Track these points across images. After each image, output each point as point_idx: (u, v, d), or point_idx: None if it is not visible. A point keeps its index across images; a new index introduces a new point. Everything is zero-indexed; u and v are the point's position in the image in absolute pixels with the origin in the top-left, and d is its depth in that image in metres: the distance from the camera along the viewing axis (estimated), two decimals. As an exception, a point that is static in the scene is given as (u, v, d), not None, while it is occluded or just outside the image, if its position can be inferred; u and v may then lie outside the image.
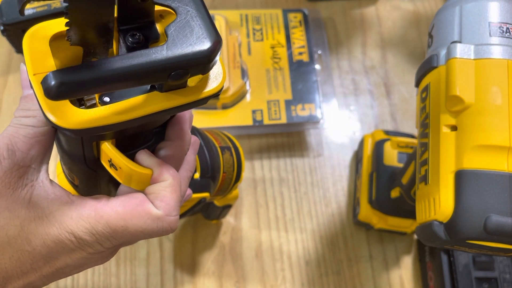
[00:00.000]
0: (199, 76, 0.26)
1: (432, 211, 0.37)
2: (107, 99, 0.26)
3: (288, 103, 0.63)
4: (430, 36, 0.42)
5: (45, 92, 0.22)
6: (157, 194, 0.28)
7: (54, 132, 0.28)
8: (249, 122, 0.62)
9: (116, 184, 0.30)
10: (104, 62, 0.22)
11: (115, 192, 0.32)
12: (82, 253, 0.27)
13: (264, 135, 0.67)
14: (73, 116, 0.24)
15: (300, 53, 0.67)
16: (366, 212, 0.59)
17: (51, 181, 0.28)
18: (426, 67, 0.41)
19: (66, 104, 0.24)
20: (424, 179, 0.39)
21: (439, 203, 0.36)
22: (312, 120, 0.63)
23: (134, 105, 0.25)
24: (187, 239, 0.60)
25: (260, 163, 0.65)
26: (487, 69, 0.37)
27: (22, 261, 0.26)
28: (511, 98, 0.36)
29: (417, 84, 0.44)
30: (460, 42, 0.38)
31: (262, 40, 0.67)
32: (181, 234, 0.61)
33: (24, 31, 0.71)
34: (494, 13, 0.38)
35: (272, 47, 0.66)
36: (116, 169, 0.28)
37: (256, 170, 0.65)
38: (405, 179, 0.52)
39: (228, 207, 0.55)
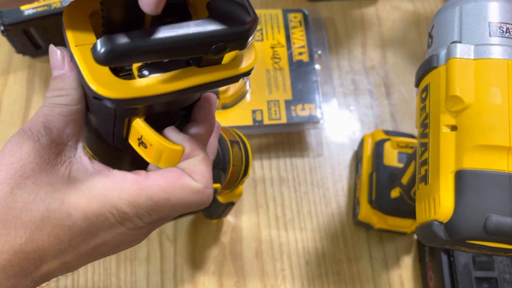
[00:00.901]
0: (232, 55, 0.27)
1: (432, 211, 0.37)
2: (146, 72, 0.26)
3: (288, 103, 0.63)
4: (430, 36, 0.42)
5: (95, 57, 0.22)
6: (192, 169, 0.28)
7: (85, 111, 0.28)
8: (249, 122, 0.62)
9: (139, 167, 0.31)
10: (152, 31, 0.23)
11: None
12: (122, 228, 0.27)
13: (264, 135, 0.67)
14: (115, 86, 0.24)
15: (300, 53, 0.67)
16: (366, 212, 0.59)
17: (89, 157, 0.28)
18: (426, 67, 0.41)
19: (108, 74, 0.24)
20: (424, 179, 0.39)
21: (439, 203, 0.36)
22: (312, 120, 0.63)
23: (174, 78, 0.25)
24: (187, 238, 0.60)
25: (260, 163, 0.65)
26: (487, 69, 0.37)
27: (61, 237, 0.25)
28: (511, 98, 0.36)
29: (417, 84, 0.44)
30: (460, 42, 0.38)
31: (262, 40, 0.67)
32: (181, 234, 0.61)
33: (24, 31, 0.71)
34: (494, 13, 0.38)
35: (272, 47, 0.66)
36: (146, 147, 0.28)
37: (256, 170, 0.65)
38: (405, 179, 0.52)
39: (231, 204, 0.55)
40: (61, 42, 0.34)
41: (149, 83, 0.25)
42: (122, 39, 0.22)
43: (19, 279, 0.25)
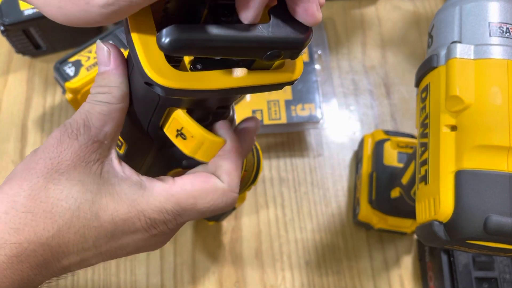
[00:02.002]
0: (279, 62, 0.27)
1: (432, 211, 0.37)
2: (199, 66, 0.27)
3: (288, 103, 0.63)
4: (430, 36, 0.42)
5: (161, 44, 0.23)
6: (222, 169, 0.28)
7: (125, 112, 0.29)
8: (249, 122, 0.62)
9: (163, 159, 0.31)
10: (215, 27, 0.24)
11: (157, 168, 0.33)
12: (145, 234, 0.27)
13: (264, 135, 0.67)
14: (169, 74, 0.25)
15: (300, 53, 0.67)
16: (366, 212, 0.59)
17: (120, 160, 0.29)
18: (426, 67, 0.41)
19: (163, 62, 0.25)
20: (424, 179, 0.39)
21: (439, 203, 0.36)
22: (312, 120, 0.63)
23: (227, 76, 0.26)
24: (187, 239, 0.60)
25: (260, 163, 0.65)
26: (487, 69, 0.37)
27: (86, 236, 0.26)
28: (511, 98, 0.36)
29: (417, 84, 0.44)
30: (460, 42, 0.38)
31: (262, 40, 0.67)
32: (181, 234, 0.61)
33: (24, 31, 0.71)
34: (494, 13, 0.38)
35: (272, 47, 0.66)
36: (185, 138, 0.29)
37: (256, 170, 0.65)
38: (405, 179, 0.52)
39: (232, 209, 0.55)
40: (61, 42, 0.34)
41: (203, 77, 0.26)
42: (188, 31, 0.23)
43: (40, 269, 0.26)
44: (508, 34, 0.37)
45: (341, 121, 0.69)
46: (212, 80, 0.26)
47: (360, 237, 0.62)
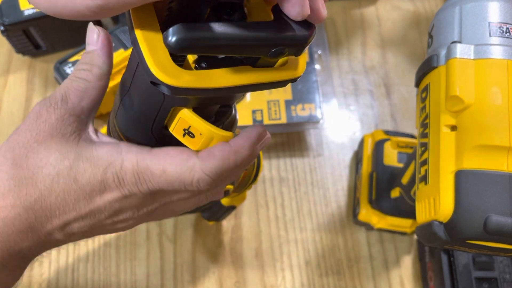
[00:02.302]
0: (283, 60, 0.28)
1: (432, 211, 0.37)
2: (204, 64, 0.27)
3: (288, 103, 0.63)
4: (430, 36, 0.42)
5: (167, 43, 0.23)
6: (207, 151, 0.29)
7: (104, 90, 0.30)
8: (249, 122, 0.62)
9: None
10: (220, 26, 0.24)
11: None
12: (118, 193, 0.28)
13: (264, 135, 0.67)
14: (175, 73, 0.25)
15: (300, 53, 0.67)
16: (366, 212, 0.59)
17: (97, 131, 0.30)
18: (426, 67, 0.41)
19: (169, 61, 0.25)
20: (424, 179, 0.39)
21: (439, 203, 0.36)
22: (312, 120, 0.63)
23: (232, 74, 0.26)
24: (187, 239, 0.60)
25: (260, 163, 0.65)
26: (487, 69, 0.37)
27: (67, 200, 0.28)
28: (511, 98, 0.36)
29: (417, 84, 0.44)
30: (460, 42, 0.38)
31: (262, 40, 0.67)
32: (181, 234, 0.61)
33: (24, 31, 0.71)
34: (494, 13, 0.38)
35: (272, 47, 0.66)
36: (193, 137, 0.29)
37: (256, 170, 0.65)
38: (405, 179, 0.52)
39: (232, 208, 0.55)
40: (61, 42, 0.35)
41: (209, 75, 0.26)
42: (195, 30, 0.23)
43: (26, 234, 0.28)
44: (508, 34, 0.37)
45: (341, 121, 0.69)
46: (218, 78, 0.26)
47: (360, 237, 0.62)
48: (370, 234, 0.63)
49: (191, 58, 0.29)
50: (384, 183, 0.59)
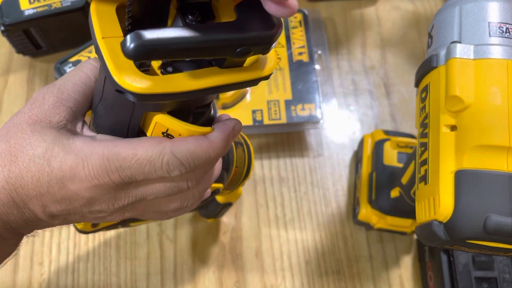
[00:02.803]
0: (253, 59, 0.28)
1: (431, 211, 0.37)
2: (170, 68, 0.27)
3: (288, 103, 0.63)
4: (430, 36, 0.43)
5: (125, 51, 0.23)
6: (183, 137, 0.29)
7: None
8: (249, 122, 0.62)
9: None
10: (181, 29, 0.23)
11: None
12: (89, 183, 0.29)
13: (264, 135, 0.67)
14: (140, 80, 0.25)
15: (300, 53, 0.67)
16: (366, 212, 0.59)
17: (84, 124, 0.32)
18: (426, 67, 0.41)
19: (133, 69, 0.25)
20: (424, 179, 0.39)
21: (439, 203, 0.36)
22: (312, 120, 0.63)
23: (199, 76, 0.26)
24: (187, 238, 0.61)
25: (260, 163, 0.65)
26: (486, 69, 0.37)
27: (41, 181, 0.29)
28: (510, 98, 0.36)
29: (417, 84, 0.44)
30: (460, 42, 0.38)
31: (262, 40, 0.67)
32: (181, 234, 0.61)
33: (24, 31, 0.71)
34: (494, 13, 0.38)
35: (272, 47, 0.66)
36: (172, 138, 0.29)
37: (256, 170, 0.65)
38: (404, 179, 0.52)
39: (228, 205, 0.55)
40: (62, 42, 0.35)
41: (174, 80, 0.25)
42: (153, 35, 0.23)
43: (11, 208, 0.29)
44: (507, 34, 0.37)
45: (341, 121, 0.69)
46: (183, 82, 0.26)
47: (360, 237, 0.62)
48: (370, 234, 0.63)
49: (156, 63, 0.29)
50: (384, 183, 0.59)
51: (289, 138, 0.67)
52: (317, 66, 0.66)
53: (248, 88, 0.64)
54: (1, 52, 0.70)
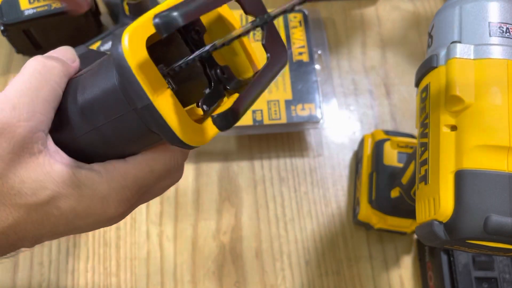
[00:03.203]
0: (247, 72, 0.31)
1: (432, 211, 0.37)
2: (205, 107, 0.29)
3: (288, 103, 0.63)
4: (430, 36, 0.42)
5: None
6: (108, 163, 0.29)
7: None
8: (249, 122, 0.62)
9: None
10: None
11: None
12: (48, 205, 0.27)
13: (264, 135, 0.67)
14: (198, 134, 0.27)
15: (300, 53, 0.67)
16: (366, 212, 0.59)
17: (56, 151, 0.28)
18: (426, 67, 0.41)
19: (188, 120, 0.26)
20: (424, 179, 0.39)
21: (439, 203, 0.36)
22: (312, 120, 0.63)
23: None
24: (187, 238, 0.60)
25: (260, 163, 0.65)
26: (487, 69, 0.37)
27: (44, 224, 0.27)
28: (511, 98, 0.36)
29: (417, 84, 0.44)
30: (460, 42, 0.38)
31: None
32: (181, 234, 0.61)
33: (24, 31, 0.70)
34: (494, 13, 0.38)
35: (272, 47, 0.66)
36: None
37: (256, 170, 0.65)
38: (405, 179, 0.52)
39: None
40: (61, 42, 0.34)
41: (211, 125, 0.28)
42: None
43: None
44: (508, 34, 0.37)
45: (341, 121, 0.69)
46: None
47: (360, 237, 0.62)
48: (370, 234, 0.63)
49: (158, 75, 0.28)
50: (384, 183, 0.59)
51: (289, 138, 0.67)
52: (317, 66, 0.66)
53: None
54: (1, 52, 0.70)
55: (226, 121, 0.25)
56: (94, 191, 0.27)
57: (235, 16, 0.32)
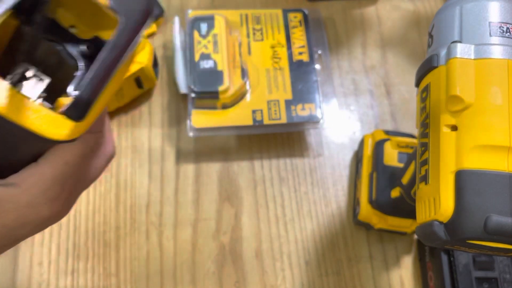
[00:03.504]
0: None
1: (432, 211, 0.37)
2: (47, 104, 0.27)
3: (288, 103, 0.63)
4: (430, 36, 0.42)
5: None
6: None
7: None
8: (249, 122, 0.62)
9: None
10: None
11: None
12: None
13: (264, 135, 0.67)
14: (60, 124, 0.25)
15: (300, 53, 0.66)
16: (366, 212, 0.59)
17: None
18: (426, 67, 0.41)
19: (48, 112, 0.25)
20: (424, 179, 0.39)
21: (439, 203, 0.36)
22: (312, 120, 0.63)
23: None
24: (187, 239, 0.60)
25: (260, 163, 0.65)
26: (487, 69, 0.37)
27: None
28: (511, 98, 0.36)
29: (417, 84, 0.44)
30: (460, 42, 0.38)
31: (262, 40, 0.67)
32: (181, 234, 0.61)
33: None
34: (494, 13, 0.38)
35: (272, 47, 0.66)
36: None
37: (256, 170, 0.65)
38: (405, 179, 0.52)
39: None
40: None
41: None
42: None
43: None
44: (508, 34, 0.37)
45: (341, 121, 0.69)
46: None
47: (360, 237, 0.62)
48: (370, 234, 0.63)
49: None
50: (384, 183, 0.59)
51: (289, 138, 0.67)
52: (317, 66, 0.66)
53: (248, 88, 0.64)
54: (1, 52, 0.70)
55: (78, 111, 0.24)
56: (17, 203, 0.27)
57: None
